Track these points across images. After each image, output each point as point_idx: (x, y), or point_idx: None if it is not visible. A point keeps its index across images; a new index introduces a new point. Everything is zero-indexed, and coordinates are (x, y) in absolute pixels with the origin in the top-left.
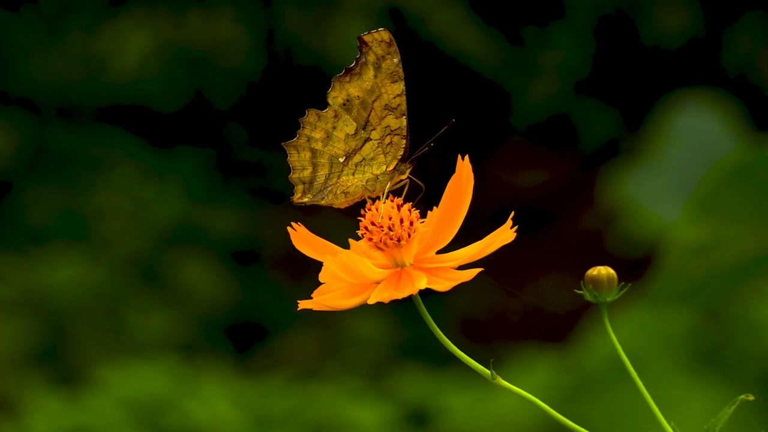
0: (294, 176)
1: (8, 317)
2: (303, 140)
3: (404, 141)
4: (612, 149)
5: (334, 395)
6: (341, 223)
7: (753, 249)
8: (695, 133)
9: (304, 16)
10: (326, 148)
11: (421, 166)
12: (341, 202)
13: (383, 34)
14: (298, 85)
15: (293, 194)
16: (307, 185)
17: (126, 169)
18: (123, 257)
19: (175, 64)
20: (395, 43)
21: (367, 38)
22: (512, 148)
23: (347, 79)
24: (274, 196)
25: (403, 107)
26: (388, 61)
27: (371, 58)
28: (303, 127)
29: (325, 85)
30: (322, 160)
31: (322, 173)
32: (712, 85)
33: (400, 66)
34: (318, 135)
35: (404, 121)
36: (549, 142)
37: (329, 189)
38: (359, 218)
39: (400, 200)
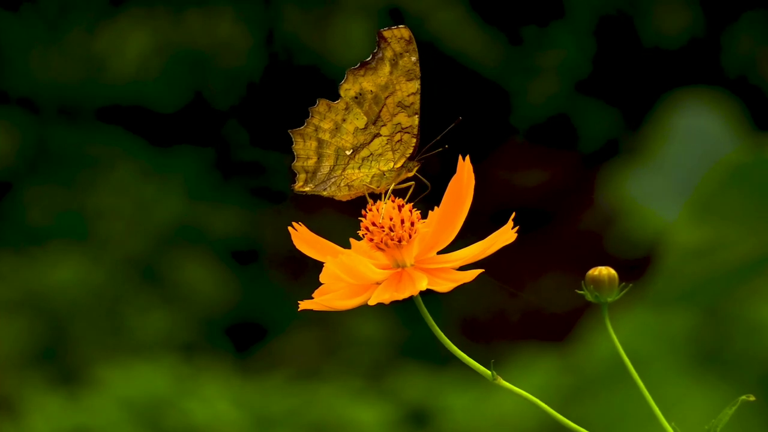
0: (297, 164)
1: (8, 317)
2: (310, 129)
3: (414, 140)
4: (612, 149)
5: (334, 395)
6: (341, 223)
7: (753, 249)
8: (695, 133)
9: (304, 16)
10: (334, 140)
11: (424, 166)
12: (344, 195)
13: (403, 32)
14: (298, 85)
15: (295, 182)
16: (310, 174)
17: (126, 168)
18: (123, 257)
19: (175, 63)
20: (414, 42)
21: (386, 33)
22: (512, 148)
23: (362, 72)
24: (274, 196)
25: (417, 106)
26: (405, 59)
27: (389, 54)
28: (312, 116)
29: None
30: (328, 151)
31: (326, 164)
32: (712, 85)
33: (418, 65)
34: (327, 126)
35: (416, 120)
36: (549, 142)
37: (333, 180)
38: (360, 218)
39: (401, 201)
